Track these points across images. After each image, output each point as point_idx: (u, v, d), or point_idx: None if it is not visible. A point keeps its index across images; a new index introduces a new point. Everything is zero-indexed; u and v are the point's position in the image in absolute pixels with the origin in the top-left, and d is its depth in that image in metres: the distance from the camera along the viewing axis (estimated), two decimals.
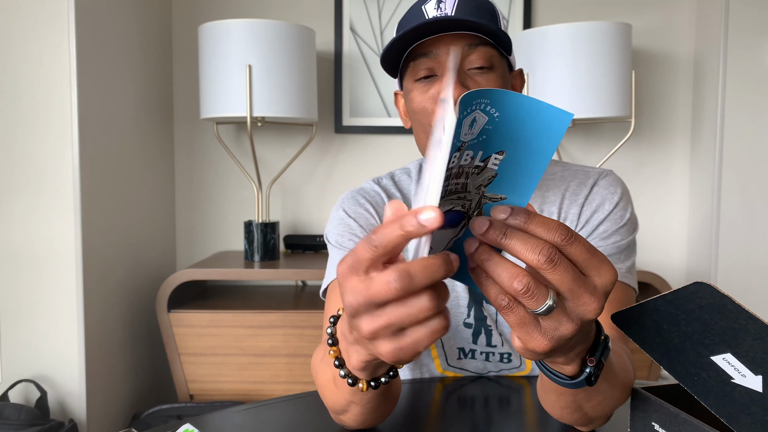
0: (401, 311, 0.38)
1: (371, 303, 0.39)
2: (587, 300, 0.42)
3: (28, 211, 1.58)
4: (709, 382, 0.48)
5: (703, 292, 0.43)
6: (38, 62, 1.56)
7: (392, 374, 0.57)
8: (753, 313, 0.41)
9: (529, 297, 0.41)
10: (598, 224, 0.87)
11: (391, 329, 0.39)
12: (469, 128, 0.39)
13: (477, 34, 0.81)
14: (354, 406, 0.66)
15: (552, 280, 0.41)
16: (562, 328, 0.43)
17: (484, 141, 0.40)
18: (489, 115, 0.39)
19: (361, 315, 0.40)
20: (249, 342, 1.77)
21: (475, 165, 0.41)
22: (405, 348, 0.40)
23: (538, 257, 0.40)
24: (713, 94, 2.02)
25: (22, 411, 1.50)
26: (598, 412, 0.66)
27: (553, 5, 2.18)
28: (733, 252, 2.00)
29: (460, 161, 0.40)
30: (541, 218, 0.41)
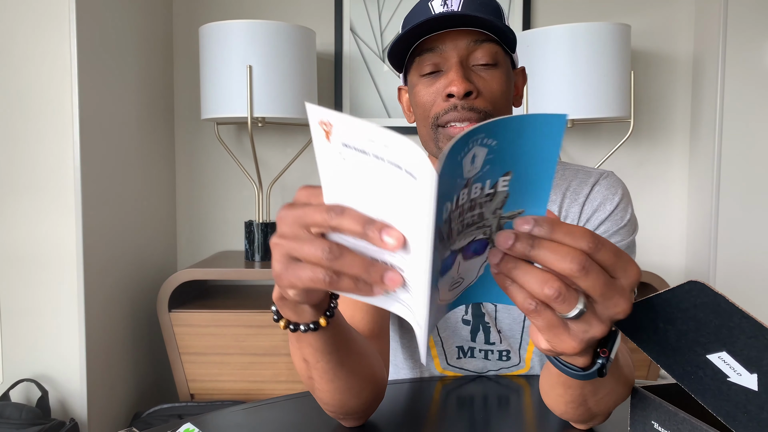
0: (304, 244, 0.44)
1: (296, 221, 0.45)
2: (617, 301, 0.43)
3: (28, 211, 1.58)
4: (706, 381, 0.49)
5: (697, 290, 0.43)
6: (39, 63, 1.56)
7: (312, 326, 0.58)
8: (746, 312, 0.42)
9: (560, 302, 0.41)
10: (598, 224, 0.88)
11: (288, 254, 0.45)
12: (471, 164, 0.39)
13: (482, 30, 0.82)
14: (314, 372, 0.65)
15: (584, 286, 0.41)
16: (592, 330, 0.44)
17: (488, 171, 0.40)
18: (488, 146, 0.39)
19: (281, 227, 0.46)
20: (249, 341, 1.78)
21: (486, 194, 0.41)
22: (284, 274, 0.46)
23: (570, 266, 0.40)
24: (712, 95, 2.02)
25: (23, 410, 1.50)
26: (601, 407, 0.66)
27: (553, 6, 2.18)
28: (732, 252, 2.00)
29: (471, 196, 0.40)
30: (567, 226, 0.41)
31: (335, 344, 0.62)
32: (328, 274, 0.44)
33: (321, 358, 0.63)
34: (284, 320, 0.58)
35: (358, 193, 0.43)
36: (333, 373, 0.65)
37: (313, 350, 0.62)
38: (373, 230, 0.41)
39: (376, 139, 0.39)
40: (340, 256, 0.43)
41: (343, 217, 0.42)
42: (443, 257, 0.42)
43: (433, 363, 0.96)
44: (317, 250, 0.43)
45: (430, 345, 0.95)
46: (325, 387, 0.67)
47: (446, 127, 0.82)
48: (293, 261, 0.46)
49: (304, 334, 0.59)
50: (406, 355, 0.98)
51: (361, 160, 0.41)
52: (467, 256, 0.44)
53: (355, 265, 0.43)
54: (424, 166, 0.37)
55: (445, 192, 0.38)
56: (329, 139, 0.42)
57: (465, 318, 0.93)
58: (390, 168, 0.40)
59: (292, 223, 0.45)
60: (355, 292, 0.44)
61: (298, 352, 0.64)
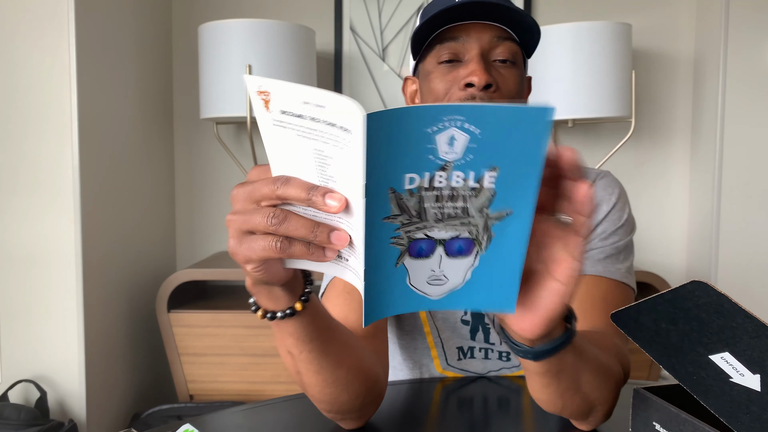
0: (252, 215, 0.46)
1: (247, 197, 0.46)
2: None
3: (28, 210, 1.58)
4: (708, 381, 0.48)
5: (700, 291, 0.43)
6: (38, 62, 1.56)
7: (289, 312, 0.58)
8: (750, 312, 0.41)
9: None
10: (595, 225, 0.87)
11: (240, 229, 0.47)
12: (449, 146, 0.39)
13: (506, 29, 0.82)
14: (300, 364, 0.64)
15: None
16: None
17: (472, 161, 0.39)
18: (469, 133, 0.38)
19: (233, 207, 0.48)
20: (249, 342, 1.77)
21: (470, 187, 0.41)
22: (238, 248, 0.47)
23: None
24: (713, 94, 2.02)
25: (22, 411, 1.50)
26: (595, 392, 0.64)
27: (553, 5, 2.18)
28: (733, 252, 2.00)
29: (451, 182, 0.40)
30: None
31: (315, 331, 0.62)
32: (279, 241, 0.45)
33: (303, 348, 0.62)
34: (261, 310, 0.59)
35: (302, 161, 0.44)
36: (318, 363, 0.64)
37: (294, 340, 0.62)
38: (316, 195, 0.43)
39: (310, 100, 0.40)
40: (284, 220, 0.45)
41: (288, 186, 0.44)
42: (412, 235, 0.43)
43: (433, 364, 0.96)
44: (263, 218, 0.45)
45: (430, 346, 0.95)
46: (313, 380, 0.66)
47: None
48: (246, 234, 0.47)
49: (283, 322, 0.60)
50: (405, 356, 0.97)
51: (299, 126, 0.42)
52: (451, 253, 0.44)
53: (301, 226, 0.44)
54: (355, 112, 0.37)
55: (402, 153, 0.39)
56: (268, 108, 0.42)
57: (464, 318, 0.92)
58: (326, 129, 0.40)
59: (243, 199, 0.47)
60: (309, 256, 0.46)
61: (283, 345, 0.64)
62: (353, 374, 0.68)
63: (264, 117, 0.43)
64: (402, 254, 0.44)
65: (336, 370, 0.66)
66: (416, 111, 0.37)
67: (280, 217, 0.45)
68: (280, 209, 0.45)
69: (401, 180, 0.40)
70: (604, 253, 0.85)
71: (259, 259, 0.47)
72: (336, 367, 0.66)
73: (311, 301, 0.60)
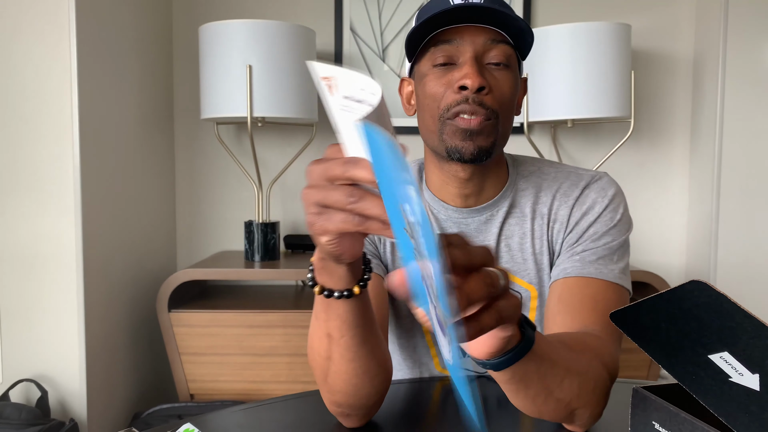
0: (329, 191, 0.48)
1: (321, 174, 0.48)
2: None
3: (28, 210, 1.58)
4: (707, 381, 0.49)
5: (699, 290, 0.43)
6: (39, 62, 1.56)
7: (346, 294, 0.61)
8: (748, 312, 0.42)
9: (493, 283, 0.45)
10: (587, 227, 0.87)
11: (317, 202, 0.49)
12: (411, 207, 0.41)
13: (500, 31, 0.82)
14: (335, 348, 0.66)
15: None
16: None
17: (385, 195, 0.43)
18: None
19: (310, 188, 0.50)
20: (249, 342, 1.77)
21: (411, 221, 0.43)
22: (317, 220, 0.50)
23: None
24: (712, 94, 2.02)
25: (23, 411, 1.50)
26: (570, 395, 0.64)
27: (553, 5, 2.18)
28: (732, 252, 2.00)
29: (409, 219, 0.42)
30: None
31: (363, 318, 0.65)
32: (356, 216, 0.47)
33: (347, 332, 0.65)
34: (320, 286, 0.62)
35: None
36: (354, 350, 0.66)
37: (340, 322, 0.64)
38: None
39: (365, 87, 0.43)
40: (361, 199, 0.46)
41: (357, 168, 0.46)
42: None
43: (432, 362, 0.96)
44: (341, 195, 0.47)
45: (429, 345, 0.95)
46: (343, 368, 0.68)
47: (454, 119, 0.81)
48: (324, 209, 0.49)
49: (336, 303, 0.62)
50: (405, 355, 0.98)
51: (361, 111, 0.44)
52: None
53: (375, 206, 0.46)
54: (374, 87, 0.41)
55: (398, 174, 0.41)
56: (332, 92, 0.45)
57: None
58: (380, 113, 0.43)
59: (317, 176, 0.49)
60: (383, 232, 0.47)
61: (323, 327, 0.66)
62: (381, 367, 0.71)
63: (331, 102, 0.46)
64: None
65: (368, 361, 0.68)
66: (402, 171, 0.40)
67: (356, 195, 0.46)
68: (356, 188, 0.47)
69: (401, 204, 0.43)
70: (596, 255, 0.85)
71: (336, 230, 0.49)
72: (369, 358, 0.68)
73: (365, 290, 0.63)
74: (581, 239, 0.87)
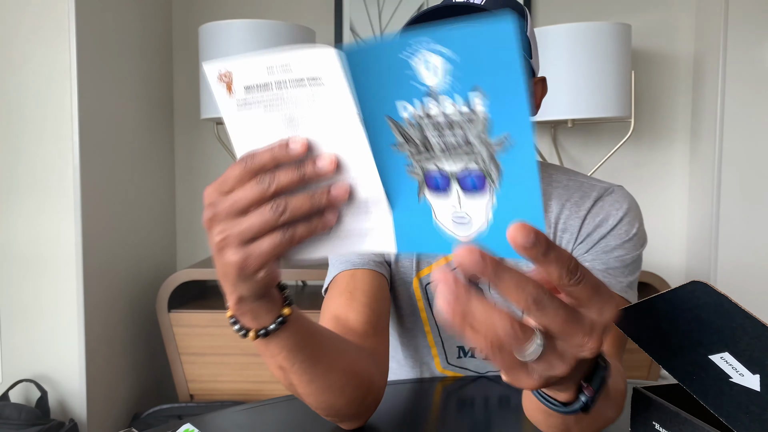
0: (250, 219, 0.44)
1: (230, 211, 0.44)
2: (581, 340, 0.38)
3: (28, 211, 1.58)
4: (708, 381, 0.48)
5: (700, 291, 0.43)
6: (39, 63, 1.56)
7: (280, 320, 0.57)
8: (749, 312, 0.41)
9: (512, 342, 0.37)
10: (599, 239, 0.86)
11: (240, 241, 0.45)
12: (429, 71, 0.39)
13: None
14: (292, 376, 0.63)
15: (540, 323, 0.37)
16: (553, 370, 0.39)
17: (453, 83, 0.40)
18: (441, 54, 0.39)
19: (215, 225, 0.46)
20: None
21: (462, 112, 0.41)
22: (249, 259, 0.45)
23: (525, 299, 0.36)
24: (713, 94, 2.02)
25: (23, 411, 1.50)
26: (587, 430, 0.62)
27: (553, 5, 2.18)
28: (733, 252, 2.00)
29: (443, 108, 0.40)
30: (558, 252, 0.36)
31: (305, 339, 0.61)
32: (285, 232, 0.44)
33: (295, 359, 0.61)
34: (253, 331, 0.57)
35: (272, 139, 0.44)
36: (310, 372, 0.63)
37: (286, 353, 0.60)
38: (308, 167, 0.43)
39: (274, 64, 0.40)
40: (287, 205, 0.44)
41: (277, 176, 0.43)
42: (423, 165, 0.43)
43: (433, 363, 0.96)
44: (265, 215, 0.44)
45: (431, 345, 0.95)
46: (307, 390, 0.65)
47: None
48: (249, 243, 0.45)
49: (274, 337, 0.58)
50: (406, 354, 0.97)
51: (266, 99, 0.42)
52: (466, 190, 0.44)
53: (303, 200, 0.44)
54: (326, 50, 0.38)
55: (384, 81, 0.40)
56: (231, 91, 0.42)
57: None
58: (293, 91, 0.41)
59: (226, 216, 0.45)
60: (312, 231, 0.45)
61: (273, 363, 0.62)
62: (347, 378, 0.67)
63: (227, 105, 0.43)
64: (421, 186, 0.44)
65: (329, 377, 0.65)
66: (385, 40, 0.39)
67: (282, 205, 0.44)
68: (278, 199, 0.44)
69: (394, 107, 0.41)
70: (606, 265, 0.84)
71: (273, 258, 0.46)
72: (328, 374, 0.65)
73: (294, 309, 0.59)
74: (592, 250, 0.86)
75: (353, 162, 0.44)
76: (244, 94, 0.42)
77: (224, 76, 0.42)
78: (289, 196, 0.44)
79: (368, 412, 0.75)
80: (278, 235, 0.45)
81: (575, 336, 0.38)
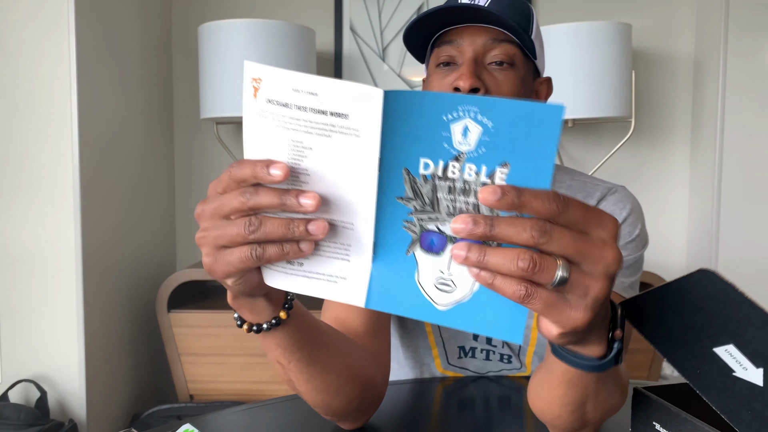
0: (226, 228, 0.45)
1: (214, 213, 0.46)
2: (602, 254, 0.41)
3: (28, 211, 1.58)
4: (711, 375, 0.48)
5: (707, 279, 0.43)
6: (38, 62, 1.56)
7: (274, 322, 0.57)
8: (756, 302, 0.41)
9: (539, 271, 0.39)
10: None
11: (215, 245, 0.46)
12: (464, 137, 0.39)
13: (502, 30, 0.80)
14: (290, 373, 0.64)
15: (554, 250, 0.40)
16: (592, 291, 0.41)
17: (484, 154, 0.40)
18: (482, 125, 0.39)
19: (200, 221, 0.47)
20: (249, 342, 1.77)
21: (482, 182, 0.40)
22: (216, 264, 0.47)
23: (530, 234, 0.39)
24: (713, 94, 2.02)
25: (22, 411, 1.50)
26: (597, 412, 0.62)
27: (553, 5, 2.18)
28: (733, 251, 2.00)
29: (464, 174, 0.40)
30: (532, 192, 0.39)
31: (303, 340, 0.61)
32: (254, 249, 0.45)
33: (291, 357, 0.62)
34: (247, 323, 0.58)
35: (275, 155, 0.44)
36: (307, 371, 0.63)
37: (282, 350, 0.61)
38: (289, 198, 0.43)
39: (302, 88, 0.40)
40: (261, 224, 0.44)
41: (258, 195, 0.43)
42: (424, 224, 0.43)
43: (434, 363, 0.96)
44: (239, 228, 0.44)
45: (431, 345, 0.95)
46: (304, 388, 0.66)
47: None
48: (221, 249, 0.46)
49: (270, 334, 0.59)
50: (407, 354, 0.97)
51: (281, 116, 0.42)
52: None
53: (278, 225, 0.44)
54: (372, 90, 0.38)
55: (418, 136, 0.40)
56: (256, 96, 0.42)
57: None
58: (312, 117, 0.41)
59: (211, 216, 0.46)
60: (285, 256, 0.45)
61: (272, 356, 0.63)
62: (345, 380, 0.67)
63: (249, 107, 0.43)
64: (413, 242, 0.44)
65: (326, 378, 0.65)
66: (433, 96, 0.39)
67: (255, 222, 0.44)
68: (254, 216, 0.44)
69: (416, 162, 0.41)
70: None
71: (237, 271, 0.47)
72: (326, 374, 0.65)
73: (295, 309, 0.59)
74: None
75: (353, 206, 0.44)
76: (265, 105, 0.42)
77: (256, 80, 0.42)
78: (266, 217, 0.44)
79: (368, 413, 0.74)
80: (247, 249, 0.45)
81: (592, 251, 0.40)
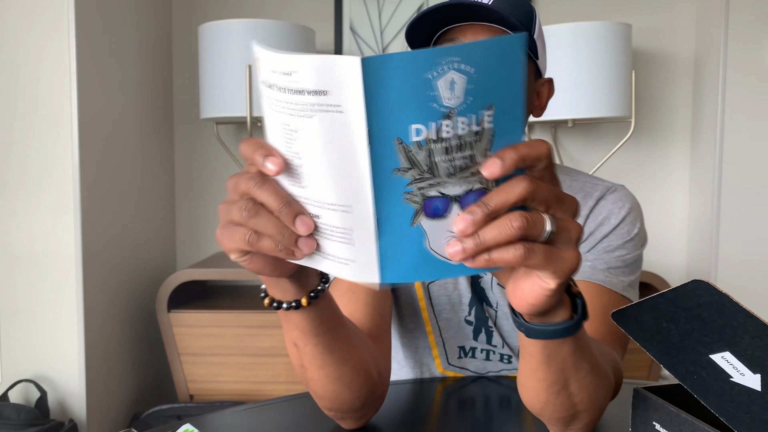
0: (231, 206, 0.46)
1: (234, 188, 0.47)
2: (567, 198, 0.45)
3: (28, 211, 1.58)
4: (709, 381, 0.48)
5: (701, 290, 0.43)
6: (38, 62, 1.56)
7: (294, 305, 0.58)
8: (751, 311, 0.41)
9: (532, 224, 0.42)
10: (602, 237, 0.86)
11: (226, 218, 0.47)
12: (451, 92, 0.37)
13: (502, 27, 0.80)
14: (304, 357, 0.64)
15: (542, 197, 0.43)
16: (573, 232, 0.45)
17: (472, 103, 0.38)
18: (466, 73, 0.37)
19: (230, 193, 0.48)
20: (249, 342, 1.77)
21: (474, 132, 0.39)
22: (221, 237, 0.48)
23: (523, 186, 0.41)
24: (713, 94, 2.02)
25: (22, 411, 1.50)
26: (583, 392, 0.61)
27: (553, 5, 2.17)
28: (734, 251, 2.00)
29: (458, 132, 0.39)
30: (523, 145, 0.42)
31: (322, 326, 0.61)
32: (249, 234, 0.45)
33: (308, 341, 0.62)
34: (269, 298, 0.59)
35: (275, 136, 0.43)
36: (321, 358, 0.64)
37: (299, 332, 0.61)
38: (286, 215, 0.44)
39: (277, 68, 0.38)
40: (255, 215, 0.45)
41: (262, 189, 0.44)
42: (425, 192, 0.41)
43: (434, 363, 0.96)
44: (240, 209, 0.45)
45: (432, 345, 0.95)
46: (316, 375, 0.66)
47: None
48: (228, 224, 0.47)
49: (290, 314, 0.59)
50: (407, 354, 0.97)
51: (269, 98, 0.40)
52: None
53: (270, 225, 0.44)
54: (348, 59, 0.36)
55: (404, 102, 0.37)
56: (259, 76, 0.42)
57: (468, 318, 0.92)
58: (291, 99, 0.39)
59: (231, 189, 0.47)
60: (277, 253, 0.45)
61: (288, 336, 0.64)
62: (356, 373, 0.68)
63: (259, 86, 0.43)
64: (417, 213, 0.42)
65: (340, 368, 0.65)
66: (413, 55, 0.36)
67: (251, 211, 0.45)
68: (252, 203, 0.45)
69: (407, 131, 0.38)
70: (608, 264, 0.84)
71: (237, 249, 0.47)
72: (340, 365, 0.65)
73: (322, 298, 0.59)
74: (594, 249, 0.86)
75: (349, 188, 0.41)
76: (261, 87, 0.42)
77: (256, 61, 0.41)
78: (261, 209, 0.45)
79: (370, 412, 0.74)
80: (246, 232, 0.46)
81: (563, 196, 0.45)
